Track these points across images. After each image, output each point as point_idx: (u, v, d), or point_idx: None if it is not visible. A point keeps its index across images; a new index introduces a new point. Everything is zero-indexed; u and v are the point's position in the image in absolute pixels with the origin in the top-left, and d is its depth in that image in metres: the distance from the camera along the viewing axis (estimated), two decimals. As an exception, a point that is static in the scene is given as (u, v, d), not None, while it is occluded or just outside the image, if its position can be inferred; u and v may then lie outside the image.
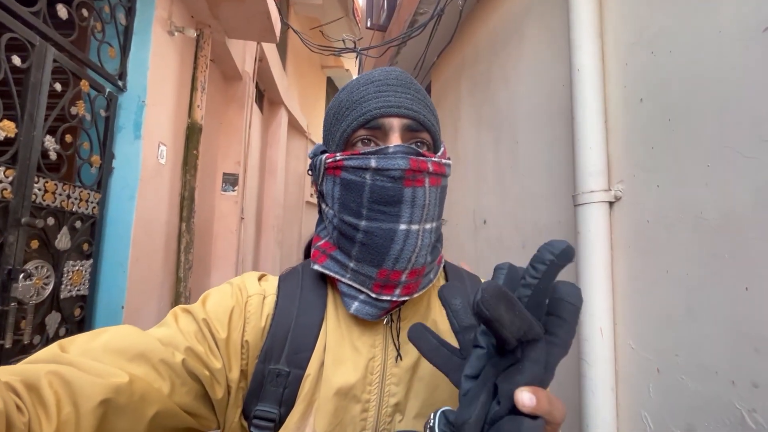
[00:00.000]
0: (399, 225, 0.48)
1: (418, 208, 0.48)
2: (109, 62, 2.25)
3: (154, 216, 2.57)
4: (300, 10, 6.63)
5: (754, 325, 0.86)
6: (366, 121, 0.50)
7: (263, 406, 0.48)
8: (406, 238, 0.48)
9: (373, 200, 0.48)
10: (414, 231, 0.48)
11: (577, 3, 1.37)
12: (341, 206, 0.51)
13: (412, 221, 0.48)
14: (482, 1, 2.43)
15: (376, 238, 0.48)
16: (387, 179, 0.47)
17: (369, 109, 0.50)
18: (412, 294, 0.51)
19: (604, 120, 1.30)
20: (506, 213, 2.00)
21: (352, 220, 0.50)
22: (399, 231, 0.48)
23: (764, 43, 0.88)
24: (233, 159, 4.18)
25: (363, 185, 0.48)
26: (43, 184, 1.80)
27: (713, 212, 0.97)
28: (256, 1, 2.96)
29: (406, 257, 0.48)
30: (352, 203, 0.50)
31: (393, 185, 0.47)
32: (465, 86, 2.66)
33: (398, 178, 0.47)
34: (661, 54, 1.14)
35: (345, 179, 0.50)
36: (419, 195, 0.48)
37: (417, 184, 0.48)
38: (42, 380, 0.36)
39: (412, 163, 0.47)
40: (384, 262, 0.49)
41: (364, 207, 0.49)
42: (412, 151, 0.49)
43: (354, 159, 0.49)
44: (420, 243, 0.49)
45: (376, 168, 0.48)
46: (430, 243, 0.51)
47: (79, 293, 2.09)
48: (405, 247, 0.48)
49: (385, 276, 0.49)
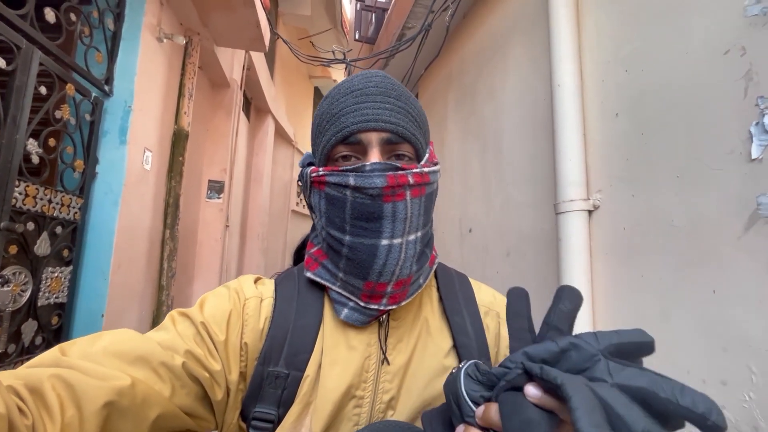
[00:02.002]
0: (381, 240, 0.48)
1: (400, 222, 0.49)
2: (96, 67, 2.24)
3: (138, 222, 2.53)
4: (288, 20, 6.69)
5: (722, 326, 0.92)
6: (344, 137, 0.50)
7: (262, 407, 0.49)
8: (389, 253, 0.49)
9: (355, 216, 0.49)
10: (396, 245, 0.49)
11: (557, 24, 1.45)
12: (327, 220, 0.52)
13: (394, 236, 0.49)
14: (468, 18, 2.52)
15: (359, 253, 0.49)
16: (366, 197, 0.48)
17: (347, 125, 0.50)
18: (400, 302, 0.52)
19: (582, 133, 1.37)
20: (491, 221, 2.05)
21: (337, 235, 0.51)
22: (381, 246, 0.48)
23: (727, 65, 0.96)
24: (219, 166, 4.15)
25: (345, 201, 0.49)
26: (24, 188, 1.76)
27: (683, 220, 1.03)
28: (246, 11, 2.99)
29: (390, 270, 0.49)
30: (336, 218, 0.51)
31: (372, 202, 0.48)
32: (452, 98, 2.74)
33: (377, 195, 0.48)
34: (634, 72, 1.22)
35: (329, 194, 0.51)
36: (400, 209, 0.49)
37: (397, 198, 0.48)
38: (45, 383, 0.36)
39: (390, 179, 0.48)
40: (369, 276, 0.49)
41: (347, 223, 0.50)
42: (389, 168, 0.49)
43: (334, 176, 0.50)
44: (403, 255, 0.49)
45: (355, 186, 0.48)
46: (415, 253, 0.51)
47: (58, 301, 2.03)
48: (388, 261, 0.49)
49: (371, 288, 0.50)
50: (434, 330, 0.56)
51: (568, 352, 0.28)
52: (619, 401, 0.24)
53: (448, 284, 0.61)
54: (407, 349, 0.54)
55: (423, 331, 0.56)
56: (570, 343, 0.28)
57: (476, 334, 0.56)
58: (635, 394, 0.24)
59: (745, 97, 0.91)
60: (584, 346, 0.28)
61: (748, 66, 0.91)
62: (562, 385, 0.25)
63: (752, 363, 0.85)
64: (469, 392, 0.33)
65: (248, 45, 3.52)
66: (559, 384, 0.25)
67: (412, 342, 0.54)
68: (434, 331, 0.56)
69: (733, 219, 0.92)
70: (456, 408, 0.34)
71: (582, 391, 0.24)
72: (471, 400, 0.32)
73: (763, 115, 0.87)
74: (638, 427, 0.23)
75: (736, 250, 0.91)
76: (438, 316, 0.58)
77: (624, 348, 0.27)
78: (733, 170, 0.93)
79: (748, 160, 0.90)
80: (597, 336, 0.28)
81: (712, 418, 0.23)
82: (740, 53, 0.93)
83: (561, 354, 0.28)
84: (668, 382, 0.24)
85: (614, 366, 0.26)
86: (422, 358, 0.54)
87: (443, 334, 0.56)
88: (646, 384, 0.24)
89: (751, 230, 0.88)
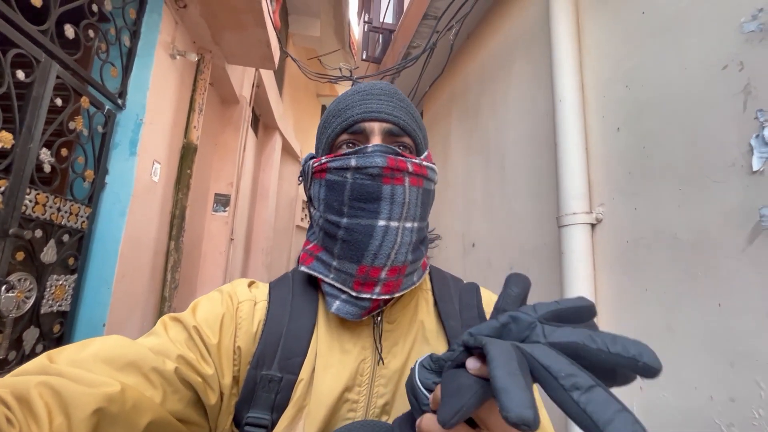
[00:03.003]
0: (378, 221, 0.49)
1: (398, 205, 0.49)
2: (110, 81, 2.31)
3: (144, 233, 2.56)
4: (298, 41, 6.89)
5: (728, 340, 0.90)
6: (348, 125, 0.52)
7: (255, 412, 0.48)
8: (385, 234, 0.49)
9: (354, 197, 0.49)
10: (393, 227, 0.49)
11: (559, 41, 1.48)
12: (326, 206, 0.52)
13: (392, 218, 0.49)
14: (472, 38, 2.58)
15: (356, 234, 0.49)
16: (366, 177, 0.49)
17: (351, 115, 0.52)
18: (393, 293, 0.51)
19: (584, 147, 1.38)
20: (494, 236, 2.05)
21: (334, 218, 0.51)
22: (378, 227, 0.49)
23: (725, 79, 0.97)
24: (226, 180, 4.21)
25: (344, 184, 0.50)
26: (34, 195, 1.79)
27: (686, 233, 1.03)
28: (257, 30, 3.10)
29: (385, 253, 0.49)
30: (334, 202, 0.51)
31: (372, 182, 0.49)
32: (455, 115, 2.78)
33: (377, 175, 0.49)
34: (634, 87, 1.24)
35: (329, 180, 0.52)
36: (398, 192, 0.49)
37: (396, 182, 0.49)
38: (32, 391, 0.35)
39: (390, 161, 0.49)
40: (363, 258, 0.49)
41: (346, 205, 0.50)
42: (390, 151, 0.50)
43: (337, 160, 0.51)
44: (399, 240, 0.49)
45: (356, 166, 0.49)
46: (411, 242, 0.51)
47: (61, 309, 2.04)
48: (384, 242, 0.49)
49: (364, 272, 0.49)
50: (430, 334, 0.55)
51: (508, 325, 0.28)
52: (546, 354, 0.24)
53: (443, 288, 0.60)
54: (403, 353, 0.53)
55: (419, 336, 0.55)
56: (509, 316, 0.29)
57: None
58: (565, 349, 0.25)
59: (744, 111, 0.92)
60: (522, 317, 0.28)
61: (746, 80, 0.93)
62: (484, 346, 0.25)
63: (760, 378, 0.83)
64: (423, 381, 0.33)
65: (258, 63, 3.62)
66: (483, 345, 0.25)
67: (407, 346, 0.53)
68: (431, 336, 0.55)
69: (737, 231, 0.91)
70: (414, 400, 0.33)
71: (500, 346, 0.25)
72: (425, 387, 0.33)
73: (763, 128, 0.88)
74: (562, 373, 0.23)
75: (741, 262, 0.90)
76: (434, 320, 0.57)
77: (562, 314, 0.28)
78: (735, 182, 0.92)
79: (750, 173, 0.90)
80: (535, 307, 0.29)
81: (643, 359, 0.23)
82: (738, 68, 0.95)
83: (502, 328, 0.29)
84: (600, 335, 0.25)
85: (549, 329, 0.27)
86: None
87: (440, 339, 0.55)
88: (578, 338, 0.25)
89: (755, 242, 0.87)
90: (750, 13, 0.92)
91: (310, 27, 6.51)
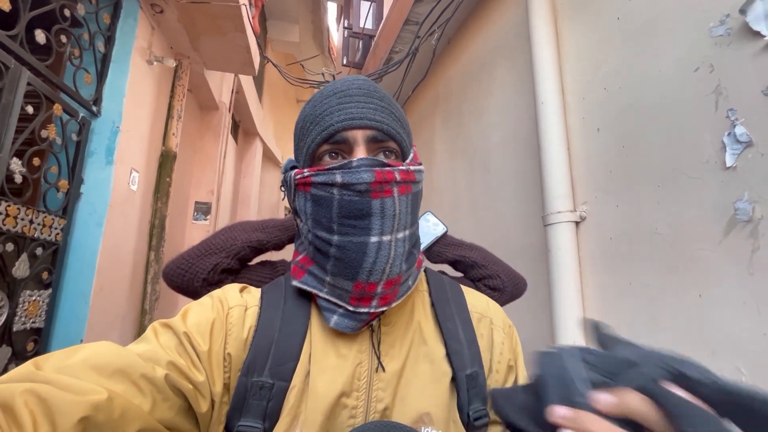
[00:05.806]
0: (370, 237, 0.48)
1: (389, 219, 0.48)
2: (84, 87, 2.23)
3: (122, 244, 2.47)
4: (277, 46, 6.85)
5: (710, 329, 0.94)
6: (329, 135, 0.49)
7: (246, 421, 0.46)
8: (379, 250, 0.48)
9: (343, 215, 0.48)
10: (386, 242, 0.48)
11: (539, 47, 1.53)
12: (314, 222, 0.51)
13: (384, 232, 0.48)
14: (453, 42, 2.63)
15: (349, 252, 0.48)
16: (354, 193, 0.47)
17: (331, 123, 0.49)
18: (390, 304, 0.51)
19: (566, 148, 1.43)
20: (480, 237, 2.08)
21: (324, 235, 0.50)
22: (371, 243, 0.48)
23: (698, 81, 1.02)
24: (206, 188, 4.12)
25: (332, 200, 0.48)
26: (4, 207, 1.71)
27: (666, 228, 1.07)
28: (236, 36, 3.06)
29: (380, 269, 0.48)
30: (323, 219, 0.49)
31: (360, 199, 0.47)
32: (439, 119, 2.81)
33: (365, 191, 0.47)
34: (613, 90, 1.29)
35: (315, 195, 0.50)
36: (388, 206, 0.48)
37: (385, 195, 0.48)
38: (17, 399, 0.34)
39: (377, 175, 0.47)
40: (358, 275, 0.48)
41: (335, 222, 0.48)
42: (376, 163, 0.48)
43: (321, 175, 0.49)
44: (393, 253, 0.49)
45: (342, 183, 0.47)
46: (404, 251, 0.50)
47: (35, 326, 1.94)
48: (378, 258, 0.48)
49: (360, 289, 0.49)
50: (428, 335, 0.55)
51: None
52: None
53: (440, 290, 0.60)
54: (400, 355, 0.52)
55: (416, 337, 0.55)
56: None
57: (468, 341, 0.55)
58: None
59: (716, 110, 0.97)
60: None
61: (717, 82, 0.98)
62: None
63: (741, 364, 0.87)
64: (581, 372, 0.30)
65: (238, 69, 3.58)
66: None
67: (405, 348, 0.53)
68: (428, 337, 0.55)
69: (714, 224, 0.95)
70: (559, 388, 0.30)
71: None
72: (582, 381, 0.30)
73: (734, 126, 0.93)
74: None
75: (718, 254, 0.94)
76: (431, 322, 0.57)
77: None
78: (710, 178, 0.97)
79: (724, 168, 0.94)
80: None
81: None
82: (709, 70, 1.00)
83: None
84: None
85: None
86: (416, 365, 0.52)
87: (437, 340, 0.55)
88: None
89: (731, 234, 0.92)
90: (718, 18, 0.98)
91: (289, 32, 6.49)
